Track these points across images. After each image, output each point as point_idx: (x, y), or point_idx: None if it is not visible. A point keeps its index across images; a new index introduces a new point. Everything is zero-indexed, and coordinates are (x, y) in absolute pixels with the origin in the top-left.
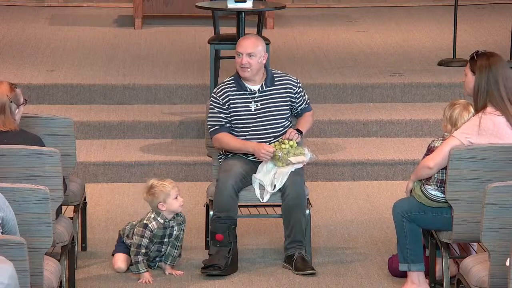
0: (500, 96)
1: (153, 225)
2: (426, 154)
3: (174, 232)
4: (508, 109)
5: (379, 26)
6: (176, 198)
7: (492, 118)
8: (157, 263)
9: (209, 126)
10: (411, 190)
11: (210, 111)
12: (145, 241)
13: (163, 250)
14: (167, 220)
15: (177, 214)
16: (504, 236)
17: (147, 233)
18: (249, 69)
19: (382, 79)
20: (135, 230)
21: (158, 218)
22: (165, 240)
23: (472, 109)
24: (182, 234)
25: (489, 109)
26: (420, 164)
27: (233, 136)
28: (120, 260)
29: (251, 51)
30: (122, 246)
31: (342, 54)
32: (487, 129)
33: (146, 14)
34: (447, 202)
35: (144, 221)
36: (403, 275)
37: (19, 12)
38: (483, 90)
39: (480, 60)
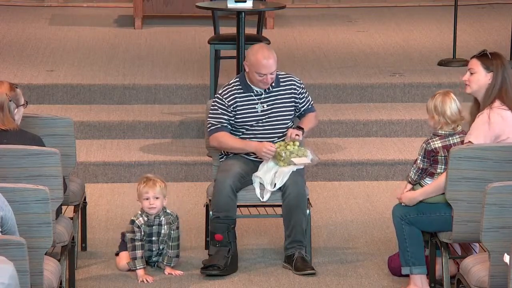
0: None
1: (139, 220)
2: (424, 157)
3: (162, 231)
4: None
5: (379, 26)
6: (147, 199)
7: (500, 112)
8: (156, 263)
9: (209, 125)
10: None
11: (212, 110)
12: (135, 235)
13: (154, 249)
14: (150, 218)
15: (166, 213)
16: (504, 236)
17: (135, 229)
18: (272, 83)
19: (382, 79)
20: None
21: (143, 215)
22: (153, 238)
23: (453, 95)
24: (175, 233)
25: (497, 103)
26: (439, 184)
27: (233, 136)
28: (125, 259)
29: (275, 68)
30: (125, 245)
31: (342, 54)
32: (496, 123)
33: (146, 14)
34: (443, 195)
35: (132, 218)
36: (403, 274)
37: (19, 12)
38: (498, 87)
39: (496, 58)
